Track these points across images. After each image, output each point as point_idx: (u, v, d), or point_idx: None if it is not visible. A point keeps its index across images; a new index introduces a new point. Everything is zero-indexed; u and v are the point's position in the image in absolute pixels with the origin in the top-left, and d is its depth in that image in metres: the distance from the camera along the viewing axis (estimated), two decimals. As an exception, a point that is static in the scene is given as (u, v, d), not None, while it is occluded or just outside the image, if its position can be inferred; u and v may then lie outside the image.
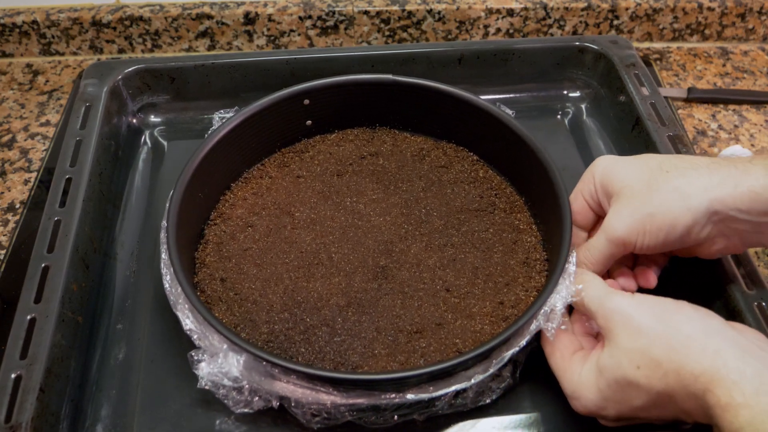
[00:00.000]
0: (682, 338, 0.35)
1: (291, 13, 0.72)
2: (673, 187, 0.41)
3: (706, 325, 0.36)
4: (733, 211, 0.40)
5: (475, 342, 0.45)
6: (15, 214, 0.58)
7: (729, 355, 0.33)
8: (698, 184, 0.41)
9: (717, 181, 0.40)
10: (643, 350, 0.36)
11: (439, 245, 0.51)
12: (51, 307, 0.44)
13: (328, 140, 0.60)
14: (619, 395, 0.37)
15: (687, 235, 0.41)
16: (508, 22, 0.75)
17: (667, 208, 0.41)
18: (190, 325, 0.43)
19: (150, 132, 0.64)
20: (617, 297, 0.39)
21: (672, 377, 0.35)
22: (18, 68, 0.74)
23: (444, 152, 0.59)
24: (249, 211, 0.53)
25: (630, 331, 0.37)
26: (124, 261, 0.53)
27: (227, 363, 0.40)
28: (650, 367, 0.35)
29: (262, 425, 0.43)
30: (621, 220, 0.42)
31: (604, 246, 0.43)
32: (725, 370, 0.33)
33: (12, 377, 0.41)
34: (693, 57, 0.76)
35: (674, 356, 0.35)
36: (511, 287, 0.48)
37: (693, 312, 0.37)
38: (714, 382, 0.33)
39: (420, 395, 0.40)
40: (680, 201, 0.40)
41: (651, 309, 0.38)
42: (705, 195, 0.40)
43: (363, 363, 0.44)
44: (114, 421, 0.44)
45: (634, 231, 0.42)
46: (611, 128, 0.64)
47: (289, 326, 0.46)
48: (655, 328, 0.36)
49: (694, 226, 0.41)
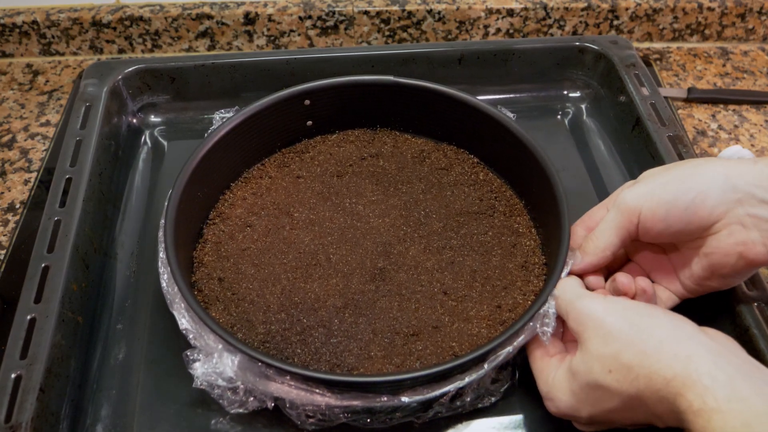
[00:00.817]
0: (654, 343, 0.35)
1: (291, 13, 0.72)
2: (692, 163, 0.42)
3: (679, 330, 0.36)
4: (752, 187, 0.39)
5: (471, 345, 0.44)
6: (15, 214, 0.59)
7: (701, 360, 0.33)
8: (716, 162, 0.41)
9: (735, 162, 0.41)
10: (614, 355, 0.36)
11: (437, 248, 0.51)
12: (51, 307, 0.44)
13: (329, 141, 0.60)
14: (592, 398, 0.37)
15: (700, 205, 0.40)
16: (508, 22, 0.75)
17: (682, 176, 0.41)
18: (185, 325, 0.43)
19: (150, 132, 0.64)
20: (588, 300, 0.39)
21: (643, 381, 0.34)
22: (18, 68, 0.74)
23: (444, 154, 0.58)
24: (248, 211, 0.54)
25: (601, 336, 0.37)
26: (124, 261, 0.53)
27: (222, 363, 0.40)
28: (621, 372, 0.35)
29: (257, 426, 0.43)
30: (632, 190, 0.42)
31: (611, 215, 0.43)
32: (697, 375, 0.32)
33: (12, 377, 0.41)
34: (693, 57, 0.76)
35: (645, 361, 0.34)
36: (509, 291, 0.48)
37: (665, 317, 0.37)
38: (686, 387, 0.32)
39: (414, 398, 0.40)
40: (697, 170, 0.41)
41: (622, 313, 0.37)
42: (723, 168, 0.40)
43: (359, 365, 0.44)
44: (114, 421, 0.44)
45: (642, 197, 0.41)
46: (611, 128, 0.64)
47: (286, 327, 0.46)
48: (626, 332, 0.36)
49: (708, 195, 0.40)
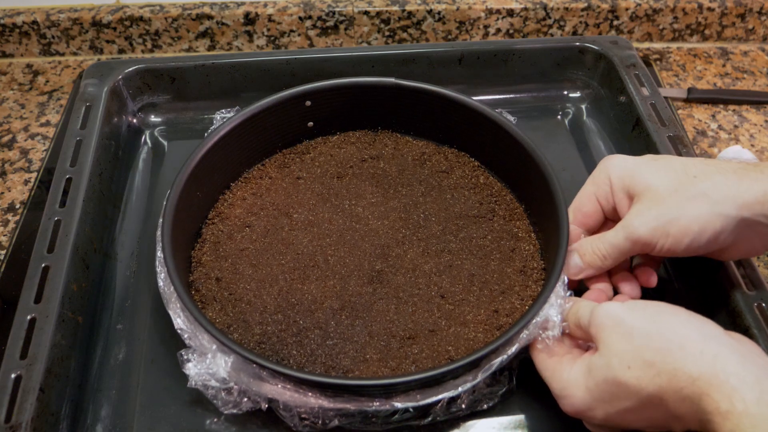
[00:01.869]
0: (678, 340, 0.34)
1: (291, 14, 0.72)
2: (701, 191, 0.40)
3: (704, 329, 0.35)
4: (761, 217, 0.39)
5: (468, 350, 0.44)
6: (15, 215, 0.59)
7: (728, 360, 0.33)
8: (726, 190, 0.40)
9: (745, 187, 0.40)
10: (635, 351, 0.35)
11: (436, 251, 0.51)
12: (51, 307, 0.44)
13: (330, 142, 0.60)
14: (608, 396, 0.36)
15: (714, 241, 0.40)
16: (508, 22, 0.75)
17: (696, 214, 0.40)
18: (180, 324, 0.43)
19: (150, 132, 0.64)
20: (608, 304, 0.39)
21: (665, 378, 0.34)
22: (18, 68, 0.74)
23: (445, 157, 0.58)
24: (247, 212, 0.54)
25: (621, 333, 0.36)
26: (124, 261, 0.53)
27: (215, 364, 0.40)
28: (642, 368, 0.35)
29: (251, 427, 0.43)
30: (644, 221, 0.41)
31: (621, 243, 0.42)
32: (724, 375, 0.32)
33: (12, 377, 0.41)
34: (693, 57, 0.76)
35: (669, 358, 0.34)
36: (507, 295, 0.48)
37: (689, 316, 0.37)
38: (712, 386, 0.32)
39: (407, 403, 0.40)
40: (709, 207, 0.40)
41: (643, 311, 0.37)
42: (734, 202, 0.40)
43: (354, 367, 0.44)
44: (114, 421, 0.44)
45: (658, 233, 0.41)
46: (611, 129, 0.64)
47: (282, 328, 0.46)
48: (648, 329, 0.36)
49: (722, 232, 0.40)
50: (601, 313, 0.38)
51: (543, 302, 0.42)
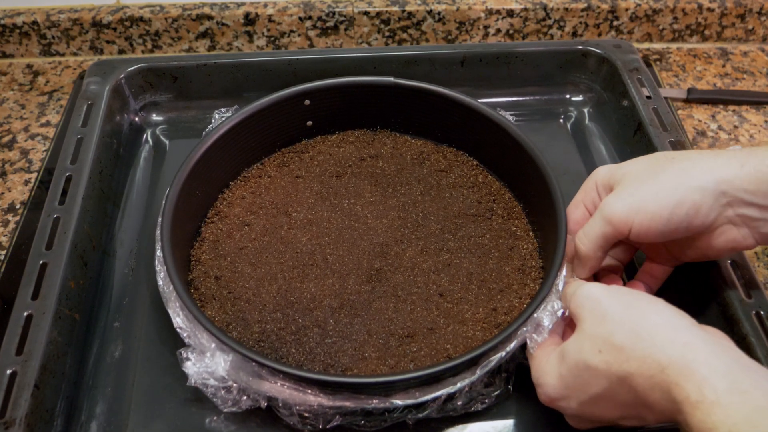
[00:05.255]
0: (650, 327, 0.34)
1: (291, 14, 0.73)
2: (679, 168, 0.40)
3: (676, 319, 0.35)
4: (740, 192, 0.39)
5: (466, 348, 0.44)
6: (15, 215, 0.59)
7: (699, 350, 0.32)
8: (703, 165, 0.40)
9: (722, 162, 0.39)
10: (606, 335, 0.35)
11: (434, 249, 0.51)
12: (48, 303, 0.44)
13: (329, 141, 0.60)
14: (579, 381, 0.36)
15: (694, 216, 0.40)
16: (508, 22, 0.75)
17: (673, 186, 0.40)
18: (180, 323, 0.43)
19: (152, 131, 0.64)
20: (590, 285, 0.39)
21: (634, 365, 0.33)
22: (18, 69, 0.74)
23: (444, 156, 0.58)
24: (246, 210, 0.54)
25: (596, 316, 0.36)
26: (123, 259, 0.53)
27: (214, 362, 0.40)
28: (611, 353, 0.34)
29: (251, 425, 0.43)
30: (620, 199, 0.41)
31: (599, 225, 0.42)
32: (695, 364, 0.31)
33: (7, 373, 0.41)
34: (693, 58, 0.76)
35: (639, 344, 0.33)
36: (505, 294, 0.48)
37: (664, 305, 0.36)
38: (682, 375, 0.31)
39: (406, 401, 0.40)
40: (686, 180, 0.40)
41: (620, 297, 0.37)
42: (711, 175, 0.39)
43: (353, 365, 0.44)
44: (108, 418, 0.44)
45: (633, 210, 0.40)
46: (613, 133, 0.64)
47: (281, 326, 0.46)
48: (621, 314, 0.35)
49: (702, 206, 0.39)
50: (582, 293, 0.38)
51: (541, 300, 0.42)
